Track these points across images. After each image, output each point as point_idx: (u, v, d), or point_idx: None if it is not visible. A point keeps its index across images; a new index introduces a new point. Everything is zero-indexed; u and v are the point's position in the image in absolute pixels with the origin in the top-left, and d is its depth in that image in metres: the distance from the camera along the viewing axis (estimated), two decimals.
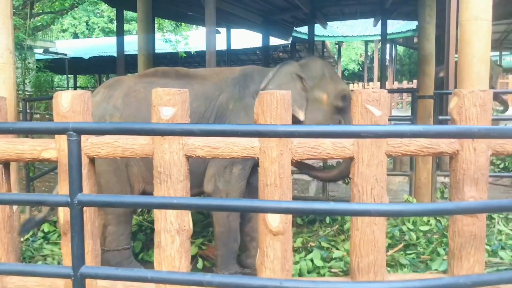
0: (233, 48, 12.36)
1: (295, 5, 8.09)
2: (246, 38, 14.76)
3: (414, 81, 16.74)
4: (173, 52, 15.26)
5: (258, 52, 15.43)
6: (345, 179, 3.56)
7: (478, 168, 2.02)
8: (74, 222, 1.72)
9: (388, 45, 17.10)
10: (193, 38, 15.46)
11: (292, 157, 2.07)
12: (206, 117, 3.13)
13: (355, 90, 2.12)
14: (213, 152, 2.08)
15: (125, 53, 7.69)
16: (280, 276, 2.05)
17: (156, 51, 7.92)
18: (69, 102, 2.11)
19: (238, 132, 1.73)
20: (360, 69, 27.83)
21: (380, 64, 11.06)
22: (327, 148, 2.07)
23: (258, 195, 2.10)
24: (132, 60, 9.61)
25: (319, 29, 11.90)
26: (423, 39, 5.19)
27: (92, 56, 17.22)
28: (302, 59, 3.48)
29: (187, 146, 2.07)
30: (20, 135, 2.69)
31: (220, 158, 2.50)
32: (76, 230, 1.72)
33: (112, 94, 3.15)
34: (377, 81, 17.83)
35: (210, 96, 3.17)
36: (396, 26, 15.05)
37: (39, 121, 8.03)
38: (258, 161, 2.08)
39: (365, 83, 20.38)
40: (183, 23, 15.84)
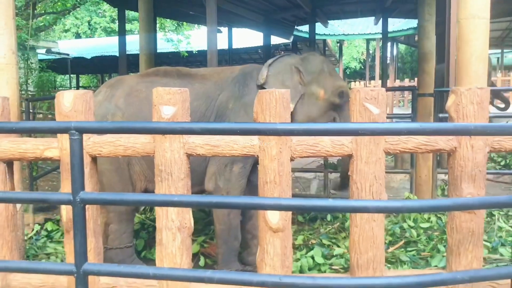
0: (235, 47, 12.35)
1: (296, 4, 8.08)
2: (248, 37, 14.76)
3: (416, 79, 16.71)
4: (175, 52, 15.28)
5: (260, 51, 15.42)
6: None
7: (476, 165, 2.04)
8: (77, 220, 1.75)
9: (390, 43, 17.10)
10: (195, 38, 15.46)
11: (292, 155, 2.09)
12: (207, 116, 3.15)
13: (354, 88, 2.14)
14: (214, 150, 2.10)
15: (127, 53, 7.70)
16: (280, 273, 2.07)
17: (158, 51, 7.94)
18: (71, 102, 2.14)
19: (238, 130, 1.75)
20: (362, 67, 27.81)
21: (382, 62, 11.05)
22: (326, 146, 2.09)
23: (258, 193, 2.12)
24: (134, 60, 9.64)
25: (320, 28, 11.89)
26: (423, 37, 5.20)
27: (94, 56, 17.25)
28: (303, 54, 3.47)
29: (188, 145, 2.09)
30: (23, 135, 2.71)
31: (221, 157, 2.52)
32: (79, 228, 1.75)
33: (114, 94, 3.18)
34: (379, 79, 17.82)
35: (211, 96, 3.19)
36: (398, 24, 15.02)
37: (42, 121, 8.07)
38: (258, 159, 2.10)
39: (367, 81, 20.35)
40: (185, 23, 15.85)
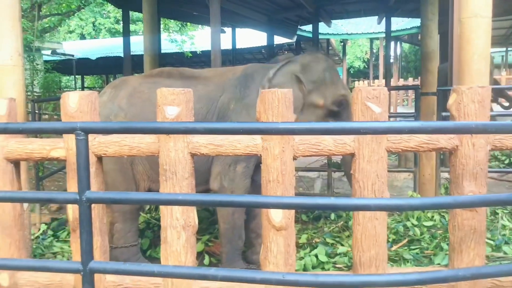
0: (238, 47, 12.39)
1: (300, 4, 8.10)
2: (251, 37, 14.78)
3: (420, 78, 16.64)
4: (179, 52, 15.29)
5: (263, 51, 15.42)
6: None
7: (477, 163, 2.06)
8: (83, 219, 1.78)
9: (393, 42, 17.05)
10: (199, 38, 15.49)
11: (294, 154, 2.11)
12: (208, 119, 3.17)
13: (356, 88, 2.16)
14: (217, 150, 2.12)
15: (132, 54, 7.72)
16: (283, 271, 2.09)
17: (162, 51, 7.96)
18: (77, 103, 2.17)
19: (241, 130, 1.78)
20: (366, 67, 27.73)
21: (385, 61, 11.04)
22: (329, 145, 2.11)
23: (261, 191, 2.15)
24: (139, 60, 9.64)
25: (324, 27, 11.88)
26: (426, 37, 5.21)
27: (99, 57, 17.28)
28: (307, 55, 3.42)
29: (192, 144, 2.12)
30: (29, 135, 2.75)
31: (224, 157, 2.54)
32: (85, 227, 1.78)
33: (118, 94, 3.21)
34: (383, 78, 17.78)
35: (212, 98, 3.21)
36: (401, 23, 15.00)
37: (48, 122, 8.12)
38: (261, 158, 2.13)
39: (371, 81, 20.32)
40: (189, 23, 15.88)
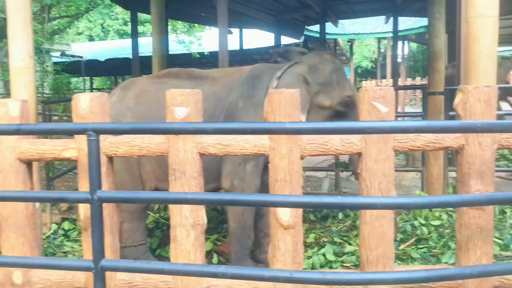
0: (246, 48, 12.42)
1: (307, 4, 8.11)
2: (258, 38, 14.81)
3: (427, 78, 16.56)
4: (187, 53, 15.36)
5: (271, 51, 15.45)
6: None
7: (484, 162, 2.06)
8: (94, 218, 1.82)
9: (400, 42, 17.00)
10: (206, 39, 15.57)
11: (302, 153, 2.13)
12: (216, 116, 3.20)
13: (362, 87, 2.18)
14: (225, 150, 2.15)
15: (140, 55, 7.76)
16: (291, 269, 2.11)
17: (170, 52, 8.01)
18: (88, 104, 2.20)
19: (248, 130, 1.80)
20: (373, 66, 27.68)
21: (393, 61, 11.02)
22: (336, 144, 2.13)
23: (269, 191, 2.17)
24: (147, 62, 9.72)
25: (331, 27, 11.89)
26: (433, 36, 5.19)
27: (108, 58, 17.40)
28: (314, 55, 3.43)
29: (200, 144, 2.14)
30: (39, 136, 2.79)
31: (233, 156, 2.57)
32: (96, 225, 1.81)
33: (126, 95, 3.27)
34: (390, 78, 17.74)
35: (220, 97, 3.25)
36: (408, 23, 14.93)
37: (58, 122, 8.19)
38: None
39: (378, 80, 20.27)
40: (196, 24, 15.95)
